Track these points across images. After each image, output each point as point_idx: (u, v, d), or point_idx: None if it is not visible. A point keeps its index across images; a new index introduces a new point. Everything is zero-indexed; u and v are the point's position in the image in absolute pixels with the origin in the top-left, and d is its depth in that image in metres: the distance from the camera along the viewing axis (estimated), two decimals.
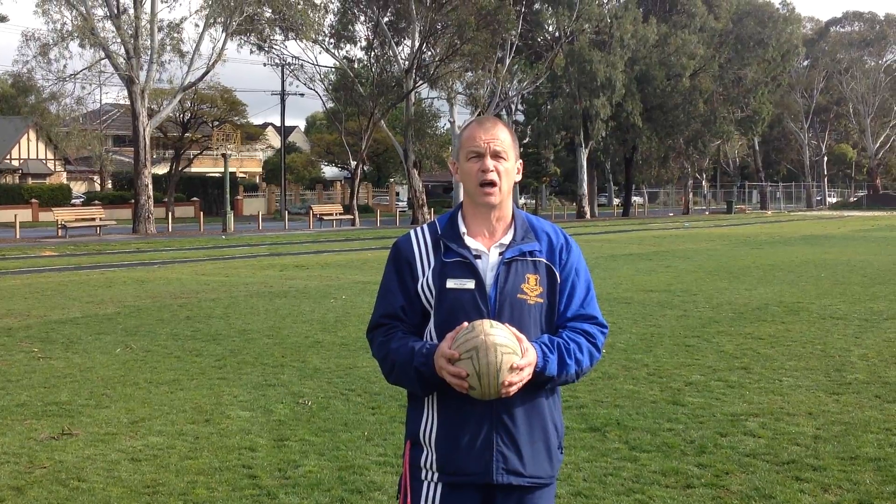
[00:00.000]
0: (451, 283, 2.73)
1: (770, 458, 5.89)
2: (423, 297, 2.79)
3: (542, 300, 2.79)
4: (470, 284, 2.73)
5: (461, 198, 3.09)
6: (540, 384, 2.73)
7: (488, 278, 2.74)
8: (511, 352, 2.61)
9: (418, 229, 2.87)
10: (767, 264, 21.00)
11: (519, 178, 2.90)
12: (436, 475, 2.76)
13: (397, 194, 73.31)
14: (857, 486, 5.36)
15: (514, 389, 2.64)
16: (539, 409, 2.80)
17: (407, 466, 2.83)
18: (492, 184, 2.75)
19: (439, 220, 2.87)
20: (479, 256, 2.77)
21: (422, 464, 2.79)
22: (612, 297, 14.62)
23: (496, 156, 2.77)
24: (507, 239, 2.79)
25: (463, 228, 2.80)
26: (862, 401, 7.42)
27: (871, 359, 9.22)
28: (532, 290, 2.76)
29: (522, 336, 2.67)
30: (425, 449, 2.78)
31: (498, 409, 2.73)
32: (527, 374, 2.65)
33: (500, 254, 2.77)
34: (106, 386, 8.10)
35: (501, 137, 2.78)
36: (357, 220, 47.96)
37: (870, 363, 8.99)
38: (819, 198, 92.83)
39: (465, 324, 2.66)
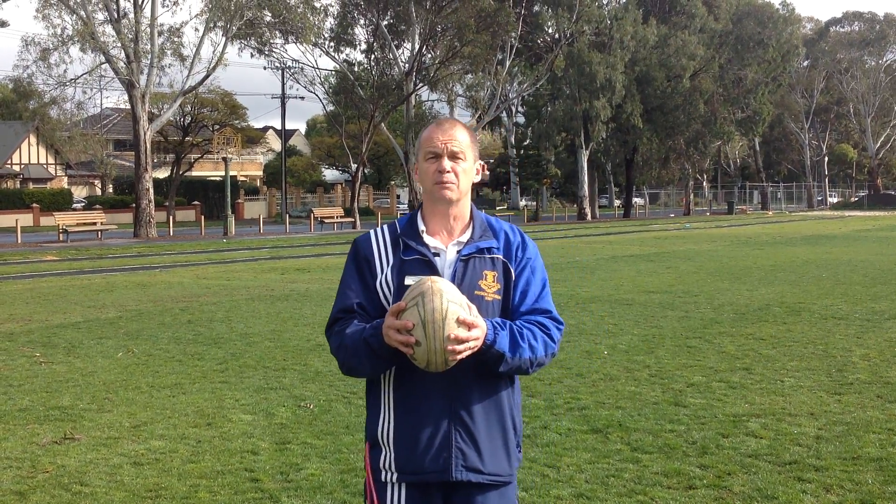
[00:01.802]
0: (409, 280, 2.74)
1: (772, 458, 5.89)
2: (381, 294, 2.80)
3: (498, 297, 2.81)
4: None
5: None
6: (492, 363, 2.69)
7: (446, 275, 2.76)
8: (458, 305, 2.59)
9: (377, 228, 2.91)
10: (769, 265, 21.00)
11: (478, 178, 2.92)
12: (395, 475, 2.76)
13: (398, 197, 73.32)
14: (859, 487, 5.36)
15: (461, 349, 2.58)
16: (498, 405, 2.80)
17: (368, 469, 2.83)
18: (448, 183, 2.78)
19: (399, 220, 2.91)
20: (437, 254, 2.81)
21: (381, 465, 2.79)
22: (614, 298, 14.62)
23: (453, 156, 2.80)
24: (464, 237, 2.83)
25: (422, 227, 2.84)
26: (864, 401, 7.41)
27: (872, 359, 9.22)
28: (489, 286, 2.79)
29: (473, 305, 2.66)
30: (384, 449, 2.78)
31: (456, 406, 2.74)
32: (475, 339, 2.60)
33: (458, 251, 2.81)
34: (108, 390, 8.10)
35: (459, 138, 2.81)
36: (358, 222, 47.95)
37: (871, 363, 8.99)
38: (820, 198, 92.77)
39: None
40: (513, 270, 2.83)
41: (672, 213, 71.42)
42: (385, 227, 2.90)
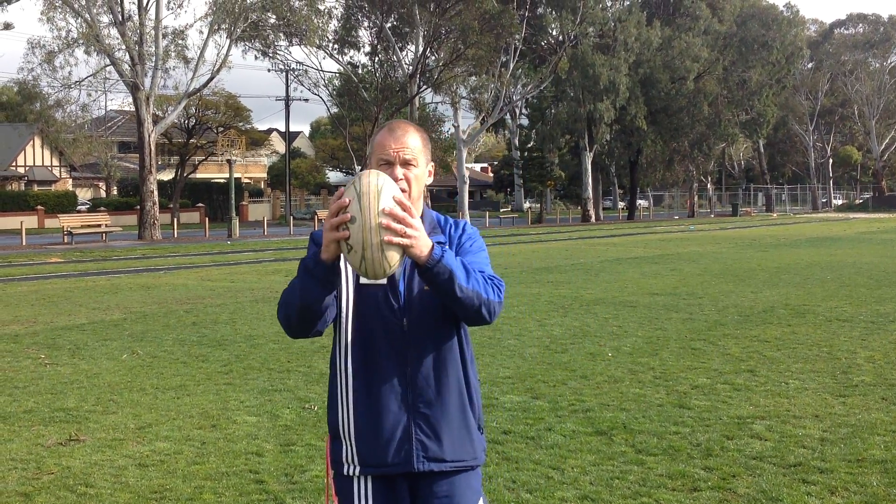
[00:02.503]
0: (364, 280, 2.76)
1: (777, 460, 5.88)
2: (341, 290, 2.80)
3: None
4: (382, 280, 2.74)
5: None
6: (444, 285, 2.62)
7: (400, 269, 2.76)
8: (395, 187, 2.55)
9: None
10: (773, 267, 20.98)
11: (430, 180, 2.92)
12: (358, 468, 2.77)
13: None
14: (864, 489, 5.35)
15: (397, 229, 2.48)
16: (457, 392, 2.82)
17: (328, 462, 2.85)
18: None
19: None
20: None
21: (343, 458, 2.80)
22: (618, 300, 14.62)
23: (406, 164, 2.79)
24: None
25: None
26: (868, 403, 7.41)
27: (877, 361, 9.20)
28: None
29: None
30: (345, 443, 2.79)
31: (413, 396, 2.75)
32: (412, 227, 2.51)
33: None
34: (113, 392, 8.12)
35: (411, 145, 2.80)
36: None
37: (876, 365, 8.98)
38: (824, 200, 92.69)
39: None
40: (456, 250, 2.86)
41: (676, 216, 71.39)
42: None
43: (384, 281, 2.75)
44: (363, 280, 2.75)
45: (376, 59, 51.06)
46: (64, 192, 59.08)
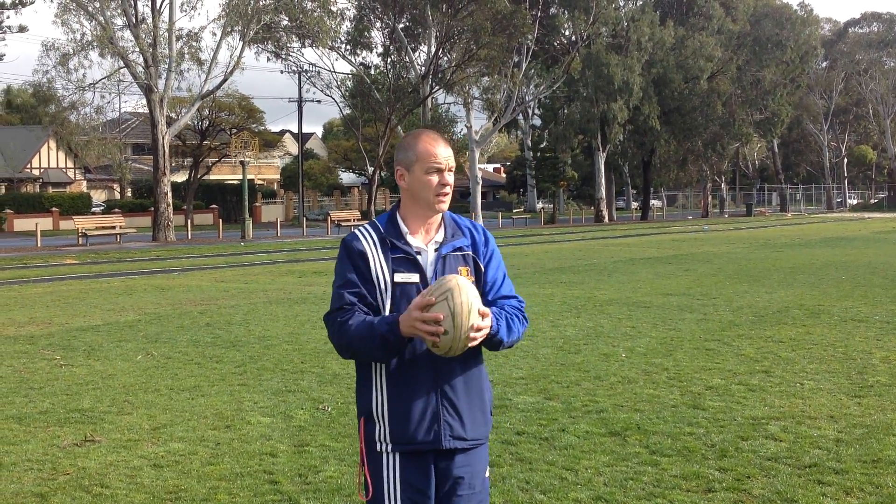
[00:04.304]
0: (398, 277, 3.07)
1: (791, 461, 5.86)
2: (377, 288, 3.08)
3: None
4: (415, 278, 3.08)
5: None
6: (492, 347, 3.09)
7: (429, 272, 3.09)
8: (477, 298, 2.96)
9: (362, 229, 3.18)
10: (788, 267, 20.89)
11: None
12: (390, 446, 3.07)
13: None
14: (879, 490, 5.32)
15: (479, 337, 2.96)
16: (476, 379, 3.15)
17: (363, 442, 3.14)
18: (448, 194, 3.15)
19: (378, 220, 3.19)
20: (419, 252, 3.12)
21: (376, 437, 3.10)
22: (631, 300, 14.59)
23: (450, 171, 3.17)
24: (440, 237, 3.16)
25: (404, 228, 3.14)
26: (884, 403, 7.37)
27: (892, 361, 9.16)
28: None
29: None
30: (378, 423, 3.09)
31: (441, 382, 3.07)
32: (487, 327, 2.98)
33: (436, 250, 3.14)
34: (127, 393, 8.15)
35: (450, 154, 3.17)
36: None
37: (891, 366, 8.93)
38: (839, 200, 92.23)
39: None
40: (482, 264, 3.20)
41: (690, 216, 71.18)
42: (368, 227, 3.19)
43: (416, 278, 3.08)
44: (397, 277, 3.07)
45: (389, 60, 51.11)
46: (78, 193, 59.36)
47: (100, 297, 16.12)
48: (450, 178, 3.15)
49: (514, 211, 74.15)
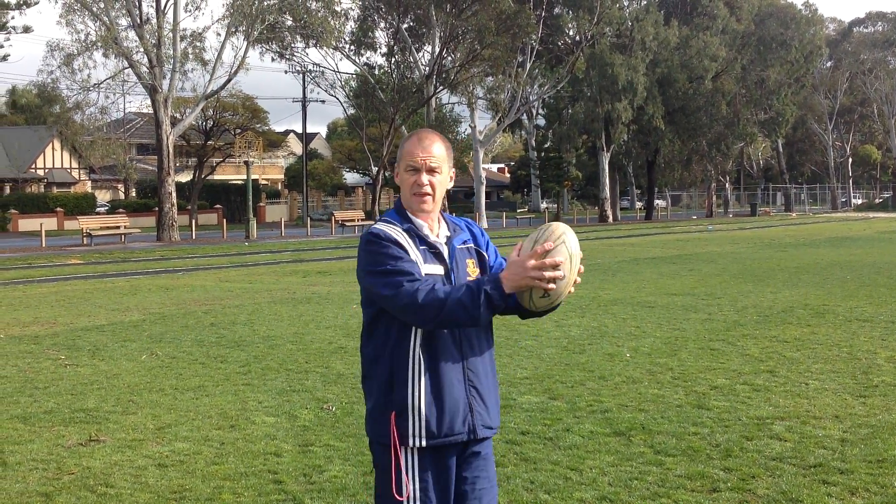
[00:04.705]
0: (427, 269, 3.10)
1: (796, 461, 5.85)
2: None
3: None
4: (440, 270, 3.13)
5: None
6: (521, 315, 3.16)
7: (451, 265, 3.16)
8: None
9: (383, 221, 3.19)
10: (792, 267, 20.86)
11: (451, 185, 3.30)
12: (424, 440, 3.05)
13: None
14: (884, 490, 5.31)
15: (579, 281, 3.03)
16: (492, 366, 3.23)
17: (395, 436, 3.08)
18: (425, 195, 3.15)
19: (389, 216, 3.21)
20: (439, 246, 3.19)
21: (410, 432, 3.06)
22: (636, 300, 14.57)
23: (431, 171, 3.16)
24: (446, 232, 3.23)
25: (420, 222, 3.18)
26: (889, 403, 7.35)
27: None
28: (472, 272, 3.21)
29: None
30: (413, 417, 3.06)
31: (468, 372, 3.11)
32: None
33: (446, 244, 3.20)
34: (132, 392, 8.16)
35: (436, 154, 3.16)
36: None
37: None
38: (844, 199, 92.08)
39: (520, 242, 3.00)
40: (485, 255, 3.29)
41: (694, 216, 71.10)
42: (388, 221, 3.18)
43: (442, 271, 3.12)
44: (426, 270, 3.09)
45: (393, 60, 51.09)
46: (83, 194, 59.46)
47: (104, 297, 16.14)
48: (426, 178, 3.13)
49: (518, 211, 74.16)
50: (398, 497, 3.04)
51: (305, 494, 5.39)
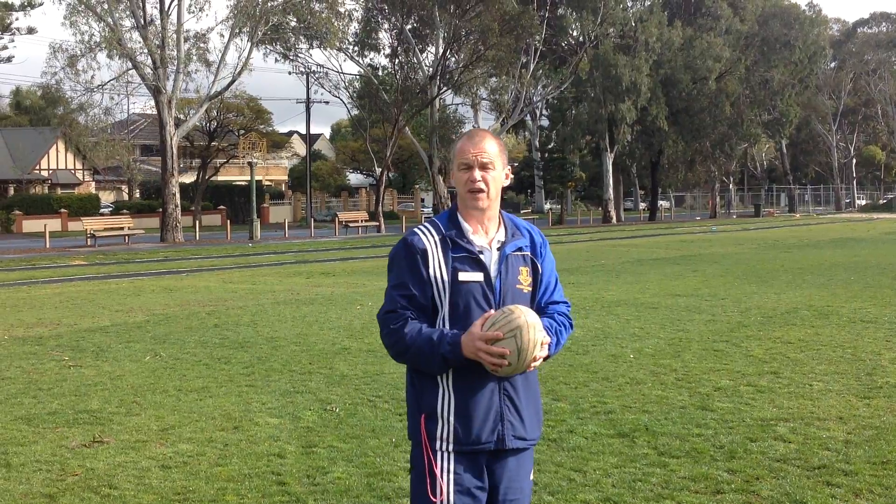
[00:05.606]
0: (462, 276, 3.06)
1: (800, 463, 5.84)
2: (434, 287, 3.07)
3: (530, 289, 3.21)
4: (479, 277, 3.08)
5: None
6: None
7: (493, 271, 3.10)
8: (542, 332, 3.01)
9: (422, 227, 3.17)
10: (796, 268, 20.84)
11: (507, 183, 3.24)
12: (451, 445, 3.06)
13: (422, 201, 73.36)
14: (888, 491, 5.30)
15: (538, 364, 3.03)
16: (533, 380, 3.21)
17: (426, 438, 3.10)
18: (479, 191, 3.11)
19: (437, 219, 3.20)
20: (481, 252, 3.12)
21: (438, 435, 3.07)
22: (639, 302, 14.56)
23: (483, 167, 3.13)
24: (501, 236, 3.17)
25: (467, 226, 3.14)
26: (893, 405, 7.34)
27: None
28: (525, 280, 3.17)
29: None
30: (441, 422, 3.07)
31: (504, 382, 3.09)
32: (545, 355, 3.06)
33: (499, 249, 3.14)
34: (136, 394, 8.16)
35: (488, 150, 3.14)
36: (383, 226, 48.07)
37: None
38: (848, 200, 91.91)
39: (491, 311, 3.01)
40: (539, 266, 3.22)
41: (698, 216, 71.05)
42: (428, 225, 3.18)
43: (480, 277, 3.08)
44: (462, 276, 3.06)
45: (396, 61, 51.10)
46: (87, 195, 59.52)
47: (108, 298, 16.16)
48: (479, 174, 3.11)
49: (522, 212, 74.03)
50: (433, 498, 3.05)
51: (309, 496, 5.39)
